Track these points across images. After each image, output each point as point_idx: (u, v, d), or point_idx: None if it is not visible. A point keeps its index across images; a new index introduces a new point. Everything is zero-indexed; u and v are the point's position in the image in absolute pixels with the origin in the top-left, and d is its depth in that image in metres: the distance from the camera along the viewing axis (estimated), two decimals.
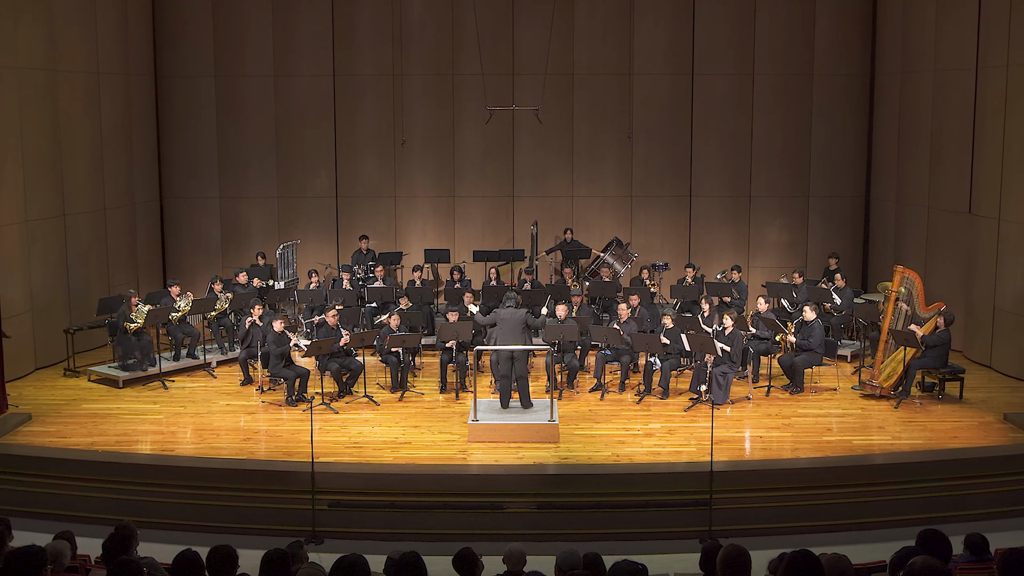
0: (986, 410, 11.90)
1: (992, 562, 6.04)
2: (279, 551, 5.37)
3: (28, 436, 11.16)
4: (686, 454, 10.57)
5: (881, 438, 11.11)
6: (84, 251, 14.72)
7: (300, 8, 16.66)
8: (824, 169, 16.87)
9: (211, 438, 11.16)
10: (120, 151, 15.54)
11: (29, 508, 9.91)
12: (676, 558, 8.81)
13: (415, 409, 12.15)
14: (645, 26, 16.67)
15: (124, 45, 15.54)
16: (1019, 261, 13.11)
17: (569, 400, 12.43)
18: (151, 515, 9.59)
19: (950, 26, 14.31)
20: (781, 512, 9.84)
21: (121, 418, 11.79)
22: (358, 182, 17.12)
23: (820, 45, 16.56)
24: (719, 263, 16.50)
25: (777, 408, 12.13)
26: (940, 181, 14.75)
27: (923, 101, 15.01)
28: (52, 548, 6.15)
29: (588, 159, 17.06)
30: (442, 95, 16.90)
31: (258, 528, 9.56)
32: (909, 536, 6.21)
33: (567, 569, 5.97)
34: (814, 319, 12.58)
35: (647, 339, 12.38)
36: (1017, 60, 12.97)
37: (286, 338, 12.33)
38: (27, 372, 13.51)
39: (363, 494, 9.88)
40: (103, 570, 5.94)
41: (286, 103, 16.86)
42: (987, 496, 10.07)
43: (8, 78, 12.91)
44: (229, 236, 17.10)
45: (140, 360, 13.13)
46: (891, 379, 12.25)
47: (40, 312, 13.75)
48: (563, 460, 10.45)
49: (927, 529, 5.82)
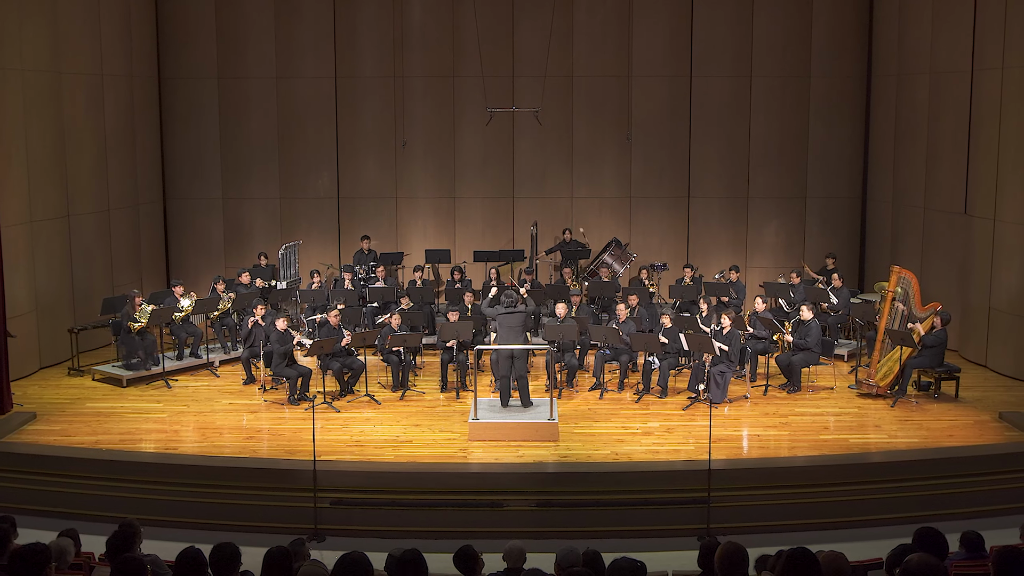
0: (981, 409, 11.90)
1: (988, 560, 6.04)
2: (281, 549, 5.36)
3: (33, 435, 11.16)
4: (684, 452, 10.57)
5: (877, 437, 11.12)
6: (88, 251, 14.72)
7: (302, 11, 16.66)
8: (821, 170, 16.87)
9: (214, 436, 11.16)
10: (124, 152, 15.54)
11: (34, 506, 9.91)
12: (674, 555, 8.79)
13: (416, 408, 12.15)
14: (644, 29, 16.67)
15: (128, 47, 15.53)
16: (1014, 261, 13.11)
17: (569, 399, 12.43)
18: (155, 513, 9.59)
19: (946, 29, 14.31)
20: (778, 510, 9.84)
21: (125, 417, 11.79)
22: (360, 183, 17.12)
23: (817, 48, 16.56)
24: (717, 263, 16.50)
25: (774, 407, 12.12)
26: (936, 182, 14.75)
27: (919, 103, 15.01)
28: (56, 546, 6.15)
29: (587, 160, 17.06)
30: (443, 97, 16.90)
31: (261, 526, 9.56)
32: (906, 534, 6.21)
33: (566, 566, 5.96)
34: (811, 319, 12.57)
35: (646, 338, 12.38)
36: (1012, 63, 12.97)
37: (289, 337, 12.32)
38: (32, 371, 13.51)
39: (364, 492, 9.89)
40: (107, 568, 5.94)
41: (288, 105, 16.86)
42: (983, 494, 10.08)
43: (13, 80, 12.91)
44: (232, 237, 17.10)
45: (144, 359, 13.13)
46: (887, 378, 12.25)
47: (45, 312, 13.75)
48: (563, 458, 10.45)
49: (924, 527, 5.81)
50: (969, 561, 6.31)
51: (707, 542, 6.42)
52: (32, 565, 4.51)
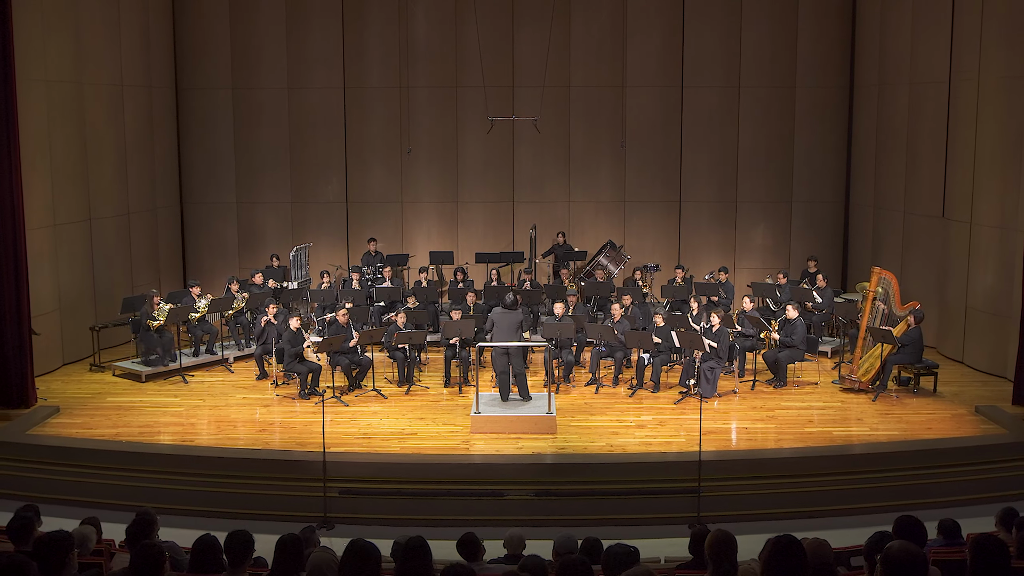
0: (959, 403, 11.89)
1: (964, 546, 6.03)
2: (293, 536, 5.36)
3: (56, 428, 11.17)
4: (676, 444, 10.57)
5: (860, 429, 11.11)
6: (109, 253, 14.72)
7: (313, 25, 16.65)
8: (806, 176, 16.85)
9: (228, 429, 11.16)
10: (143, 159, 15.54)
11: (57, 495, 9.91)
12: (667, 542, 8.79)
13: (421, 402, 12.14)
14: (637, 42, 16.66)
15: (146, 59, 15.53)
16: (990, 262, 13.11)
17: (566, 394, 12.42)
18: (172, 502, 9.59)
19: (924, 41, 14.31)
20: (765, 499, 9.84)
21: (144, 410, 11.79)
22: (367, 188, 17.11)
23: (802, 59, 16.55)
24: (707, 265, 16.49)
25: (762, 401, 12.12)
26: (915, 187, 14.74)
27: (899, 112, 15.01)
28: (79, 533, 6.16)
29: (583, 167, 17.04)
30: (446, 107, 16.89)
31: (273, 514, 9.56)
32: (886, 522, 6.20)
33: (564, 553, 5.97)
34: (797, 317, 12.57)
35: (639, 336, 12.38)
36: (987, 73, 12.97)
37: (301, 336, 12.32)
38: (55, 367, 13.51)
39: (372, 482, 9.89)
40: (127, 554, 5.94)
41: (299, 114, 16.85)
42: (959, 484, 10.07)
43: (38, 91, 12.91)
44: (245, 239, 17.10)
45: (162, 356, 13.13)
46: (869, 374, 12.25)
47: (67, 310, 13.74)
48: (560, 450, 10.44)
49: (903, 515, 5.80)
50: (946, 547, 6.31)
51: (698, 530, 6.42)
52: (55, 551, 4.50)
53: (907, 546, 3.87)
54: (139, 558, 4.63)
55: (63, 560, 4.51)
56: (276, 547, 5.10)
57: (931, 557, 5.90)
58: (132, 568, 4.67)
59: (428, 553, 5.01)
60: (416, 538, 5.10)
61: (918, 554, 3.84)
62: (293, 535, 5.22)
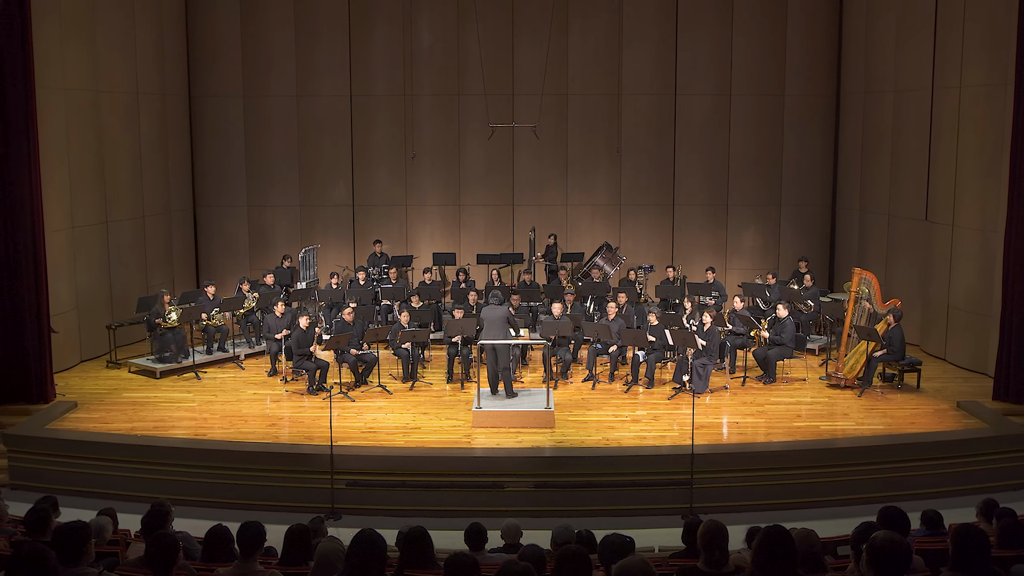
0: (941, 399, 11.89)
1: (946, 536, 6.03)
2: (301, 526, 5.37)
3: (74, 422, 11.17)
4: (669, 438, 10.57)
5: (846, 424, 11.11)
6: (125, 254, 14.72)
7: (320, 35, 16.64)
8: (794, 180, 16.85)
9: (239, 424, 11.15)
10: (157, 164, 15.53)
11: (74, 487, 9.95)
12: (660, 532, 8.80)
13: (424, 397, 12.14)
14: (632, 51, 16.65)
15: (161, 68, 15.52)
16: (970, 263, 13.11)
17: (563, 389, 12.42)
18: (185, 493, 9.60)
19: (908, 51, 14.30)
20: (755, 491, 9.85)
21: (158, 406, 11.79)
22: (372, 192, 17.10)
23: (791, 68, 16.54)
24: (700, 265, 16.47)
25: (752, 397, 12.12)
26: (899, 191, 14.74)
27: (884, 119, 15.00)
28: (96, 523, 6.15)
29: (581, 171, 17.03)
30: (448, 113, 16.88)
31: (282, 505, 9.57)
32: (871, 512, 6.20)
33: (561, 543, 5.96)
34: (786, 316, 12.57)
35: (634, 334, 12.38)
36: (969, 82, 12.97)
37: (311, 335, 12.31)
38: (73, 364, 13.51)
39: (377, 474, 9.90)
40: (142, 544, 5.94)
41: (307, 121, 16.84)
42: (941, 476, 10.09)
43: (56, 98, 12.91)
44: (256, 241, 17.09)
45: (175, 353, 13.13)
46: (854, 370, 12.25)
47: (85, 309, 13.74)
48: (558, 444, 10.44)
49: (887, 506, 5.80)
50: (929, 537, 6.32)
51: (690, 520, 6.41)
52: (73, 541, 4.50)
53: (892, 536, 3.87)
54: (154, 547, 4.63)
55: (81, 549, 4.51)
56: (285, 537, 5.11)
57: (915, 546, 5.90)
58: (147, 557, 4.68)
59: (429, 542, 5.01)
60: (418, 528, 5.11)
61: (902, 543, 3.84)
62: (302, 525, 5.23)
